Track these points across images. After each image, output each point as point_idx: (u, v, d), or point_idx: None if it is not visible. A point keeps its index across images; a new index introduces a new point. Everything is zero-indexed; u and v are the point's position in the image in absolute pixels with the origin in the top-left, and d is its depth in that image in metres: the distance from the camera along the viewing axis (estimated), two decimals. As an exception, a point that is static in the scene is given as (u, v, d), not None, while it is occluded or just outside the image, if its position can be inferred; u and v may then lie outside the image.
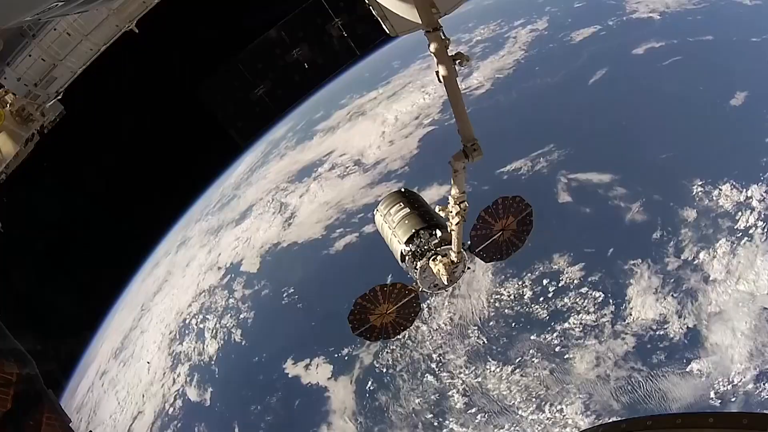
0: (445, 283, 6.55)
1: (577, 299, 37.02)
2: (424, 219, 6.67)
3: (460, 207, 6.04)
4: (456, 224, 6.18)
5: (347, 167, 62.60)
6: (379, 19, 7.43)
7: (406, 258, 6.54)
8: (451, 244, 6.37)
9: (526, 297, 38.66)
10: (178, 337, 53.74)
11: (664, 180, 40.32)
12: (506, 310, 38.95)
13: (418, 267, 6.41)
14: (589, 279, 37.45)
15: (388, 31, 7.62)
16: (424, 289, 6.71)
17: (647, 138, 44.22)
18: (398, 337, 7.28)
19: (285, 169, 71.50)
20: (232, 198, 73.22)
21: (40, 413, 9.81)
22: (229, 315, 51.94)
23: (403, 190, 7.42)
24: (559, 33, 64.86)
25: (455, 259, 6.52)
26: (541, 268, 39.23)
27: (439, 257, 6.46)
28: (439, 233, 6.44)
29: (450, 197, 6.04)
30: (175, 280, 63.08)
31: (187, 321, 54.62)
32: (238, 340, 49.56)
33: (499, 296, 39.73)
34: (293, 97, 9.09)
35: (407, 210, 6.83)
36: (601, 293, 36.64)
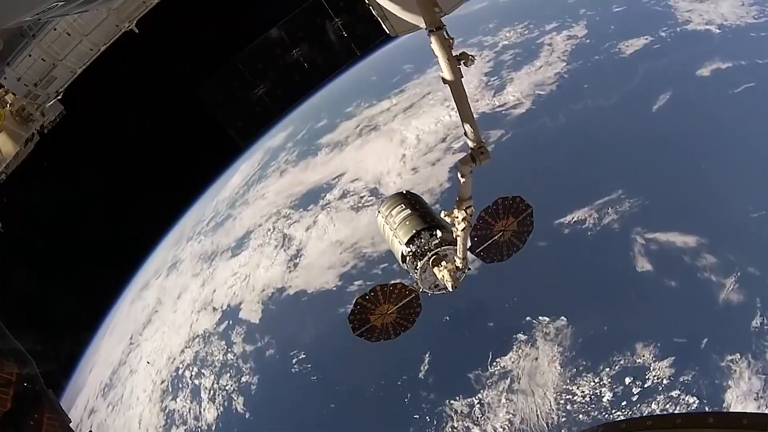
0: (450, 289, 7.34)
1: (668, 405, 34.87)
2: (425, 220, 7.49)
3: (466, 212, 6.73)
4: (462, 230, 6.87)
5: (362, 197, 59.68)
6: (379, 19, 8.61)
7: (407, 258, 7.28)
8: (451, 244, 7.12)
9: (605, 399, 36.64)
10: (170, 389, 52.31)
11: (759, 246, 38.48)
12: (580, 416, 36.79)
13: (418, 267, 7.13)
14: (681, 379, 35.46)
15: (388, 31, 8.77)
16: (424, 290, 7.39)
17: (732, 188, 42.25)
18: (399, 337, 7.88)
19: (286, 190, 68.93)
20: (226, 218, 71.67)
21: (40, 413, 10.71)
22: (229, 375, 50.34)
23: (404, 192, 8.28)
24: (603, 42, 62.63)
25: (460, 266, 7.31)
26: (622, 362, 37.28)
27: (443, 263, 7.27)
28: (439, 234, 7.18)
29: (456, 202, 6.71)
30: (166, 314, 61.25)
31: (180, 371, 53.18)
32: (240, 410, 47.73)
33: (570, 396, 37.73)
34: (293, 97, 10.08)
35: (408, 211, 7.71)
36: (695, 398, 34.60)
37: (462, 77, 5.69)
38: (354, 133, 71.99)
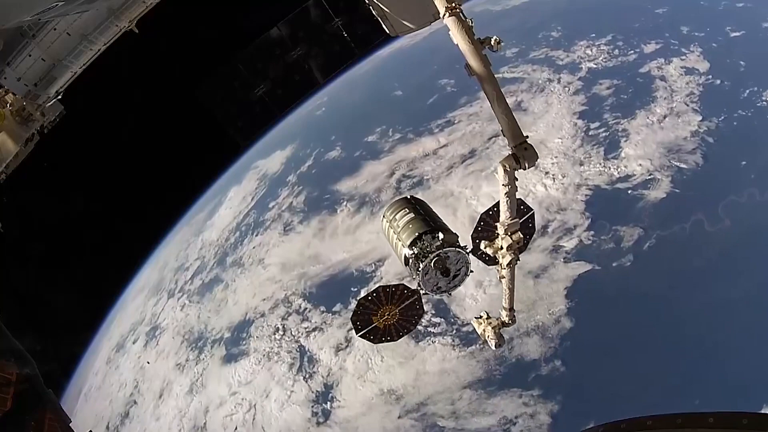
0: (493, 348, 7.13)
1: None
2: (428, 223, 7.43)
3: (512, 239, 5.91)
4: (507, 264, 6.05)
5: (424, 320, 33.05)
6: (379, 19, 8.61)
7: (410, 261, 7.29)
8: (453, 245, 6.58)
9: None
10: None
11: None
12: None
13: (420, 269, 7.12)
14: None
15: (388, 31, 8.78)
16: (426, 291, 7.38)
17: None
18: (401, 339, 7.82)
19: (296, 262, 49.45)
20: (215, 280, 54.67)
21: (41, 413, 10.76)
22: None
23: (408, 197, 8.29)
24: (740, 87, 42.04)
25: (506, 320, 6.86)
26: None
27: (485, 318, 7.13)
28: (441, 236, 7.15)
29: (498, 225, 6.05)
30: (147, 418, 46.02)
31: None
32: None
33: None
34: (293, 97, 10.16)
35: (411, 215, 7.63)
36: None
37: (490, 64, 5.19)
38: (389, 186, 50.48)
